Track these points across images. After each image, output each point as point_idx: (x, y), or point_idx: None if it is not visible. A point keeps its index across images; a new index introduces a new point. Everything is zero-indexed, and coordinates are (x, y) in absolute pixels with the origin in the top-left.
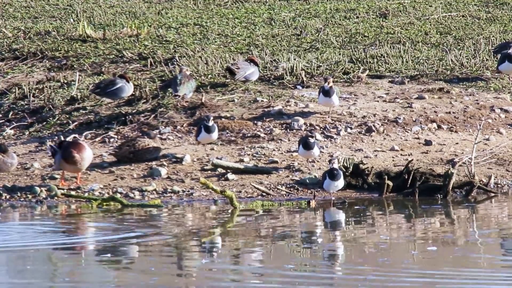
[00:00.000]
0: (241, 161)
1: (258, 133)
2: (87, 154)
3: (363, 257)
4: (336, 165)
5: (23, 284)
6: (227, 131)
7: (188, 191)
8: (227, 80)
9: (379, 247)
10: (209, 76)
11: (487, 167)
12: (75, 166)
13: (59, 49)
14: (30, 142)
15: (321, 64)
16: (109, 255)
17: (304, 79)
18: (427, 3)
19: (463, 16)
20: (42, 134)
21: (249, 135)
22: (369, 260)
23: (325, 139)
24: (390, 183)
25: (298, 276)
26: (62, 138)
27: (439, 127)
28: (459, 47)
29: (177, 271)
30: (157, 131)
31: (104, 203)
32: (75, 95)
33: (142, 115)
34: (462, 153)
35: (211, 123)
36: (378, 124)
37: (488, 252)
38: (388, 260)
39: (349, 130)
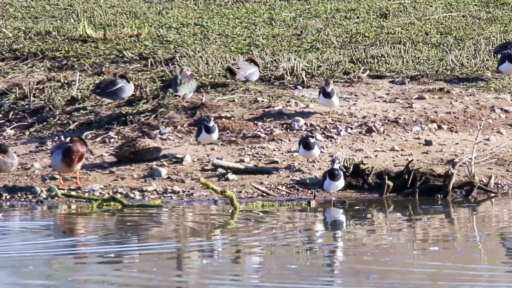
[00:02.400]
0: (242, 161)
1: (259, 133)
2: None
3: (365, 257)
4: (336, 165)
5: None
6: (228, 131)
7: (189, 191)
8: (227, 80)
9: (381, 247)
10: (210, 76)
11: (487, 167)
12: (68, 168)
13: (60, 49)
14: (30, 142)
15: (321, 64)
16: (112, 255)
17: (305, 79)
18: (427, 3)
19: (463, 16)
20: (42, 134)
21: (249, 135)
22: (370, 260)
23: (326, 139)
24: (391, 183)
25: (299, 276)
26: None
27: (439, 127)
28: (459, 47)
29: (178, 272)
30: (158, 131)
31: (105, 203)
32: (75, 95)
33: (143, 115)
34: (462, 153)
35: (211, 123)
36: (378, 124)
37: (489, 252)
38: (390, 260)
39: (349, 130)
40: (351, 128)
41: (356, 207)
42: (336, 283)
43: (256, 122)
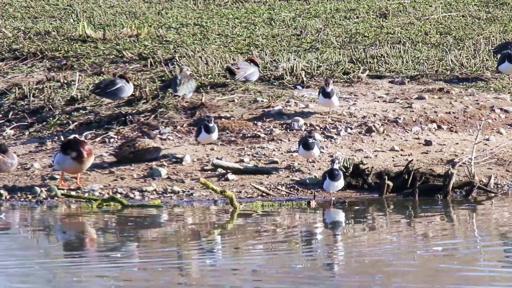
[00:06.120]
0: (241, 161)
1: (258, 133)
2: (92, 157)
3: (365, 257)
4: (336, 166)
5: None
6: (227, 131)
7: (188, 191)
8: (227, 80)
9: (381, 247)
10: (209, 76)
11: (487, 167)
12: (80, 166)
13: (59, 49)
14: (30, 142)
15: (321, 64)
16: (118, 254)
17: (304, 79)
18: (427, 3)
19: (463, 16)
20: (42, 134)
21: (249, 135)
22: (372, 260)
23: (325, 139)
24: (390, 183)
25: (300, 277)
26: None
27: (439, 127)
28: (459, 47)
29: (180, 272)
30: (157, 131)
31: (104, 204)
32: (75, 95)
33: (142, 115)
34: (462, 153)
35: (211, 123)
36: (378, 124)
37: (489, 252)
38: (392, 260)
39: (349, 130)
40: (351, 128)
41: (356, 207)
42: (337, 284)
43: (255, 122)
